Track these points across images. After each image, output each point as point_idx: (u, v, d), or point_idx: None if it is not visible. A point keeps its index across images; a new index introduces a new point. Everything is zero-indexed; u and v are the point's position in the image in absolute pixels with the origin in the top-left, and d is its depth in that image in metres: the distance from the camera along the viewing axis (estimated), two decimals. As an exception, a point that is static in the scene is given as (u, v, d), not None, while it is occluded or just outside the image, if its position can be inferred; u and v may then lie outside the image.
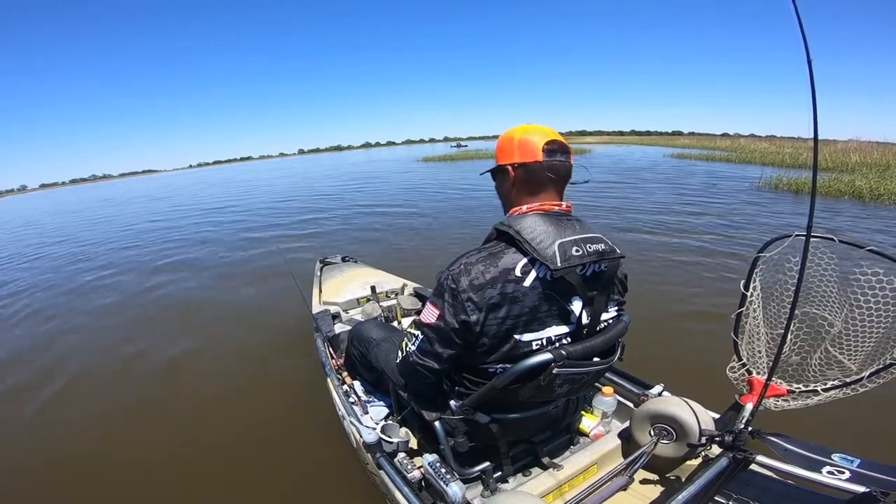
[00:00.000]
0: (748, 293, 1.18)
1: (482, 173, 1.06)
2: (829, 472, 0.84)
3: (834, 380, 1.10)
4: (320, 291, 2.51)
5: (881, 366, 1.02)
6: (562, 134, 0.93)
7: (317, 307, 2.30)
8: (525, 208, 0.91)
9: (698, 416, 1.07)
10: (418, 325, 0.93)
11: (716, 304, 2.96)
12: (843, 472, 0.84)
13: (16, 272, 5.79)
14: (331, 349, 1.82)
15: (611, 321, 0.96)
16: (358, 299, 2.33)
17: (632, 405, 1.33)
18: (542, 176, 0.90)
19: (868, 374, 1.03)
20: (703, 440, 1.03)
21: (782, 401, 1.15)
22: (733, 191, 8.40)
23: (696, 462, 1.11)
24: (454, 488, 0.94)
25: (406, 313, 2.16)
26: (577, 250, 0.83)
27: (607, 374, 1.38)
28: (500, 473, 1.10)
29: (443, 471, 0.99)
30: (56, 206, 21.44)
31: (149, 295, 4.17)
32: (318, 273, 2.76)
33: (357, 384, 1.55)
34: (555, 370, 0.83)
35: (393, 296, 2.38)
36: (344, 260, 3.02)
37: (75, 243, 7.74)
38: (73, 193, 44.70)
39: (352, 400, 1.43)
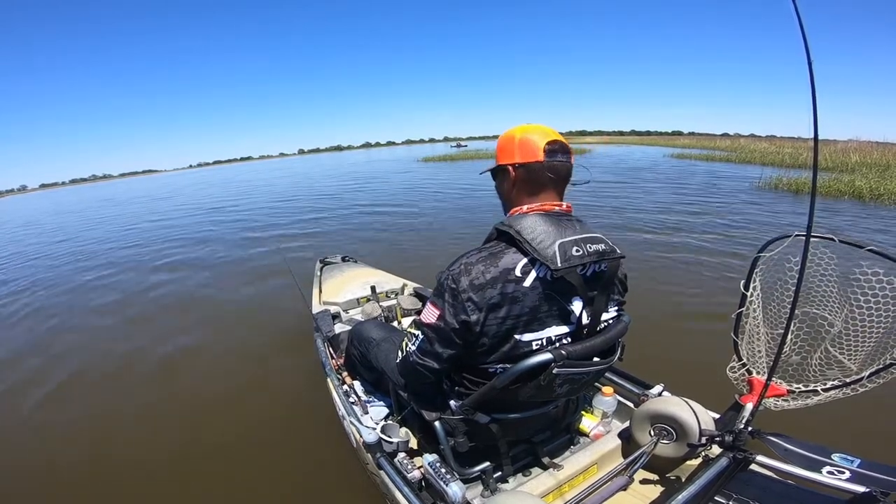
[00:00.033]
0: (748, 293, 1.18)
1: (482, 172, 1.05)
2: (829, 472, 0.84)
3: (834, 380, 1.10)
4: (320, 291, 2.51)
5: (881, 366, 1.02)
6: (562, 134, 0.92)
7: (317, 307, 2.30)
8: (525, 208, 0.91)
9: (698, 416, 1.07)
10: (418, 325, 0.93)
11: (716, 303, 2.95)
12: (843, 472, 0.84)
13: (16, 271, 5.80)
14: (331, 349, 1.82)
15: (611, 321, 0.96)
16: (358, 299, 2.33)
17: (632, 405, 1.33)
18: (543, 176, 0.90)
19: (868, 374, 1.03)
20: (703, 440, 1.03)
21: (782, 401, 1.15)
22: (733, 191, 8.40)
23: (696, 462, 1.11)
24: (454, 488, 0.94)
25: (406, 313, 2.16)
26: (577, 250, 0.83)
27: (607, 374, 1.38)
28: (500, 473, 1.10)
29: (443, 471, 0.99)
30: (56, 206, 21.45)
31: (149, 294, 4.18)
32: (318, 273, 2.76)
33: (357, 384, 1.55)
34: (555, 370, 0.83)
35: (393, 296, 2.38)
36: (344, 260, 3.01)
37: (75, 243, 7.75)
38: (73, 193, 44.69)
39: (352, 400, 1.43)
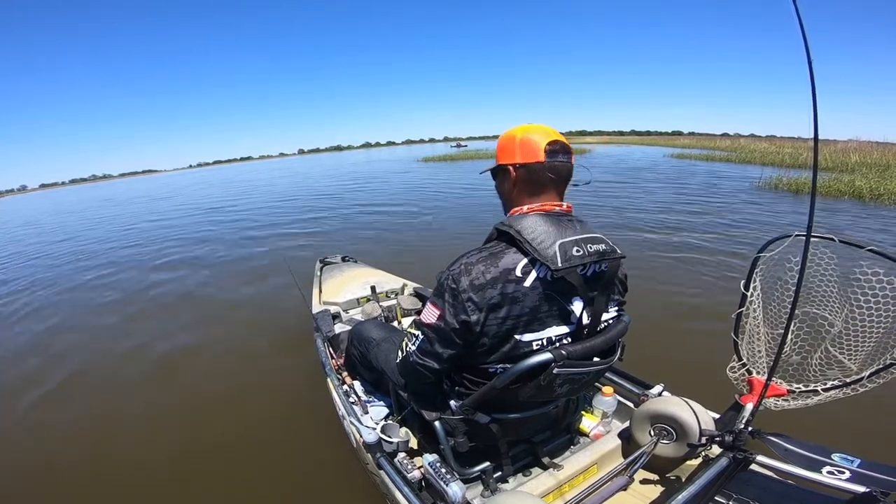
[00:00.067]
0: (748, 293, 1.18)
1: (482, 172, 1.05)
2: (829, 472, 0.84)
3: (834, 380, 1.10)
4: (320, 291, 2.51)
5: (881, 366, 1.02)
6: (562, 134, 0.92)
7: (317, 307, 2.30)
8: (526, 208, 0.91)
9: (698, 416, 1.07)
10: (418, 325, 0.93)
11: (716, 303, 2.95)
12: (843, 472, 0.84)
13: (16, 271, 5.79)
14: (331, 349, 1.82)
15: (611, 321, 0.96)
16: (358, 299, 2.33)
17: (632, 405, 1.33)
18: (544, 177, 0.90)
19: (868, 374, 1.03)
20: (704, 440, 1.03)
21: (782, 401, 1.15)
22: (733, 190, 8.40)
23: (696, 462, 1.11)
24: (454, 488, 0.94)
25: (406, 313, 2.16)
26: (577, 250, 0.83)
27: (607, 374, 1.38)
28: (500, 473, 1.10)
29: (443, 471, 0.99)
30: (56, 206, 21.44)
31: (149, 293, 4.18)
32: (318, 273, 2.76)
33: (357, 384, 1.55)
34: (555, 370, 0.83)
35: (393, 296, 2.38)
36: (344, 260, 3.01)
37: (75, 242, 7.75)
38: (73, 193, 44.70)
39: (352, 400, 1.43)
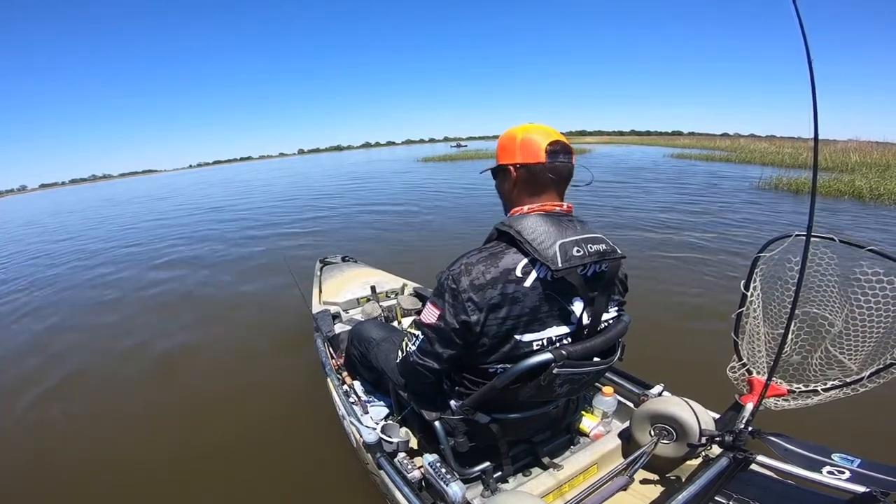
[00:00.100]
0: (748, 293, 1.18)
1: (482, 171, 1.05)
2: (829, 472, 0.84)
3: (834, 380, 1.10)
4: (320, 291, 2.51)
5: (881, 366, 1.02)
6: (562, 134, 0.92)
7: (317, 307, 2.30)
8: (526, 208, 0.91)
9: (698, 416, 1.07)
10: (418, 325, 0.93)
11: (716, 303, 2.95)
12: (844, 472, 0.84)
13: (16, 271, 5.80)
14: (331, 349, 1.81)
15: (611, 321, 0.96)
16: (358, 299, 2.33)
17: (632, 405, 1.33)
18: (544, 177, 0.90)
19: (868, 374, 1.03)
20: (704, 440, 1.03)
21: (782, 401, 1.15)
22: (734, 190, 8.40)
23: (696, 462, 1.11)
24: (454, 488, 0.94)
25: (406, 313, 2.16)
26: (578, 251, 0.83)
27: (607, 374, 1.38)
28: (500, 473, 1.10)
29: (443, 471, 0.99)
30: (56, 206, 21.44)
31: (148, 293, 4.18)
32: (318, 273, 2.76)
33: (357, 384, 1.55)
34: (555, 370, 0.83)
35: (393, 296, 2.38)
36: (344, 260, 3.01)
37: (75, 242, 7.75)
38: (73, 193, 44.69)
39: (352, 400, 1.43)
